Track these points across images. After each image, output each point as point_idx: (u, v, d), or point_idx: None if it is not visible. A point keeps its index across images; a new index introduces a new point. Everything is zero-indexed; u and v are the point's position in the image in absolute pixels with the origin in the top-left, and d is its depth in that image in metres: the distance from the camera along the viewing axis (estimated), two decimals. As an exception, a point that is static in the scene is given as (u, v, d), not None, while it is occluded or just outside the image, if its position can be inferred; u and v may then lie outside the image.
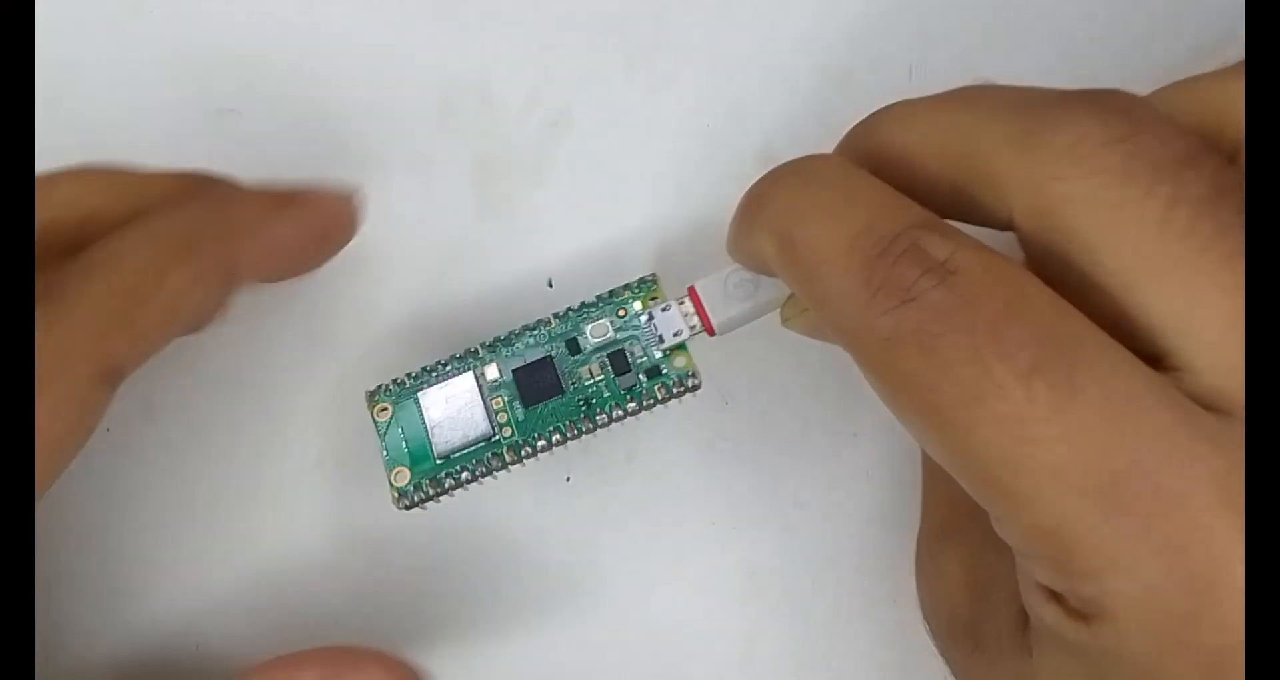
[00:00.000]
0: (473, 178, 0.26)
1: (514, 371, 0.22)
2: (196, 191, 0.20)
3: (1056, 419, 0.14)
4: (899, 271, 0.15)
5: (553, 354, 0.22)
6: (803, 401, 0.25)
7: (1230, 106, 0.17)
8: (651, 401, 0.21)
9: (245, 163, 0.25)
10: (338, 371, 0.25)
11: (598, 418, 0.21)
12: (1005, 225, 0.17)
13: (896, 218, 0.16)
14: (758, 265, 0.20)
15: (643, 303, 0.22)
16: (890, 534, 0.25)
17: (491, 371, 0.22)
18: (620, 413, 0.21)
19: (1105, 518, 0.14)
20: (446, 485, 0.21)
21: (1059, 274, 0.16)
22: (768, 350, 0.23)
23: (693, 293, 0.21)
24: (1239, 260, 0.14)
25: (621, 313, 0.22)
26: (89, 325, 0.17)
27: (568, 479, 0.25)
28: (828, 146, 0.25)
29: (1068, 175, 0.15)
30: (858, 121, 0.19)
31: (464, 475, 0.21)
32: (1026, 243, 0.17)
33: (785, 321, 0.21)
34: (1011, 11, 0.26)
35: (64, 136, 0.25)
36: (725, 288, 0.21)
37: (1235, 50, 0.20)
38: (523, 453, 0.21)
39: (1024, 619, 0.17)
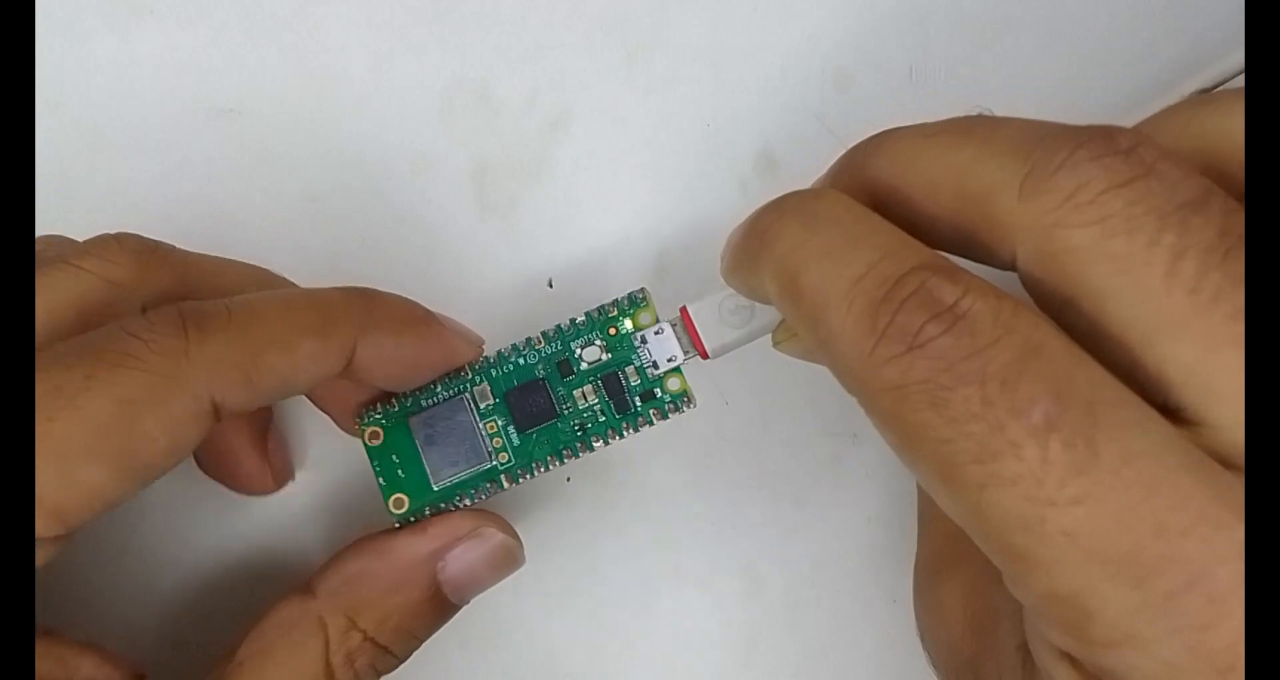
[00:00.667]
0: (473, 178, 0.26)
1: (506, 395, 0.21)
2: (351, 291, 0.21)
3: (1074, 481, 0.13)
4: (905, 316, 0.15)
5: (544, 376, 0.21)
6: (802, 402, 0.25)
7: (1235, 135, 0.16)
8: (646, 424, 0.21)
9: (245, 163, 0.25)
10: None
11: (593, 442, 0.21)
12: (1009, 266, 0.16)
13: (902, 259, 0.15)
14: (758, 299, 0.20)
15: (633, 321, 0.21)
16: (890, 534, 0.25)
17: (483, 395, 0.21)
18: (616, 438, 0.21)
19: (1125, 590, 0.13)
20: (444, 510, 0.21)
21: (1068, 319, 0.15)
22: (768, 351, 0.23)
23: (685, 315, 0.21)
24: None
25: (612, 331, 0.21)
26: (217, 359, 0.18)
27: (568, 480, 0.25)
28: (827, 147, 0.25)
29: (1071, 223, 0.14)
30: (853, 145, 0.18)
31: (463, 502, 0.21)
32: (1031, 286, 0.16)
33: (777, 345, 0.21)
34: (1011, 12, 0.26)
35: (64, 136, 0.25)
36: (720, 313, 0.21)
37: (1236, 54, 0.20)
38: (519, 477, 0.21)
39: (1027, 659, 0.17)
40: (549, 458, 0.21)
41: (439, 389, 0.22)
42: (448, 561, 0.21)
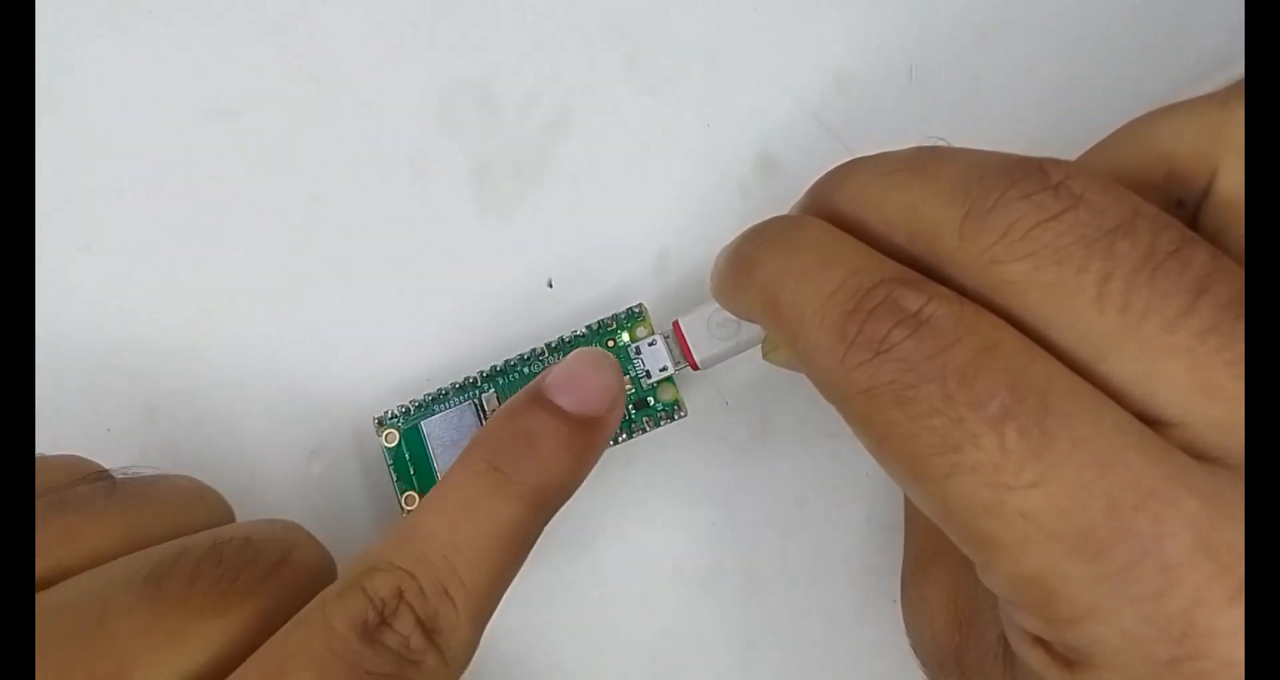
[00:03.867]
0: (473, 178, 0.26)
1: None
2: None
3: (1030, 466, 0.14)
4: (872, 325, 0.16)
5: None
6: (802, 402, 0.25)
7: (1186, 151, 0.17)
8: (640, 431, 0.23)
9: (245, 163, 0.25)
10: (337, 372, 0.25)
11: None
12: (964, 294, 0.17)
13: (870, 274, 0.16)
14: (747, 319, 0.21)
15: (630, 334, 0.23)
16: (890, 534, 0.25)
17: (491, 401, 0.23)
18: (611, 443, 0.22)
19: (1083, 565, 0.14)
20: None
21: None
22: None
23: (677, 328, 0.22)
24: (1185, 320, 0.14)
25: (611, 343, 0.23)
26: (461, 653, 0.18)
27: (568, 479, 0.25)
28: (827, 147, 0.26)
29: (1005, 258, 0.15)
30: (820, 176, 0.19)
31: None
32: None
33: (765, 356, 0.22)
34: (1010, 13, 0.26)
35: (64, 136, 0.25)
36: (709, 327, 0.22)
37: (1237, 55, 0.20)
38: None
39: (1007, 647, 0.17)
40: None
41: (450, 395, 0.23)
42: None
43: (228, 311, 0.25)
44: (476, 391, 0.23)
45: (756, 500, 0.25)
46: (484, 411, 0.23)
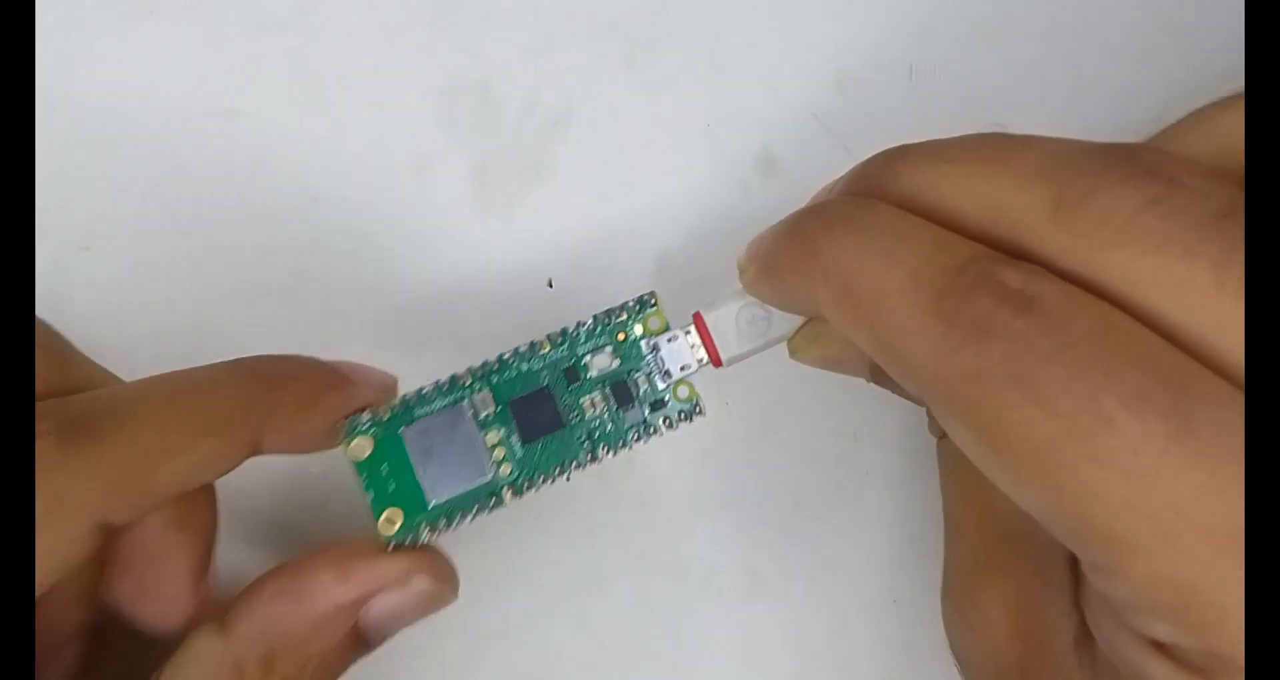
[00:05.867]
0: (473, 178, 0.26)
1: (510, 403, 0.20)
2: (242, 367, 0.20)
3: (1176, 453, 0.13)
4: (974, 302, 0.14)
5: (549, 383, 0.20)
6: (802, 403, 0.25)
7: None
8: (656, 434, 0.20)
9: (245, 163, 0.25)
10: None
11: (601, 453, 0.20)
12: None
13: (956, 250, 0.15)
14: (800, 310, 0.19)
15: (644, 326, 0.20)
16: (890, 534, 0.25)
17: (483, 402, 0.20)
18: (625, 448, 0.20)
19: (1238, 562, 0.13)
20: (441, 528, 0.20)
21: None
22: (770, 351, 0.23)
23: (699, 323, 0.20)
24: None
25: (621, 336, 0.20)
26: (103, 477, 0.17)
27: (567, 480, 0.25)
28: (827, 147, 0.26)
29: (1107, 245, 0.14)
30: (865, 161, 0.18)
31: (463, 519, 0.20)
32: None
33: (794, 354, 0.20)
34: (1010, 13, 0.26)
35: (64, 136, 0.25)
36: (738, 323, 0.20)
37: (1237, 55, 0.20)
38: (523, 490, 0.20)
39: (1088, 660, 0.16)
40: (555, 469, 0.20)
41: (435, 396, 0.20)
42: (370, 607, 0.19)
43: (228, 311, 0.25)
44: (467, 392, 0.20)
45: (756, 500, 0.25)
46: (476, 415, 0.20)
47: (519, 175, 0.26)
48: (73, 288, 0.25)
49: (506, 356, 0.20)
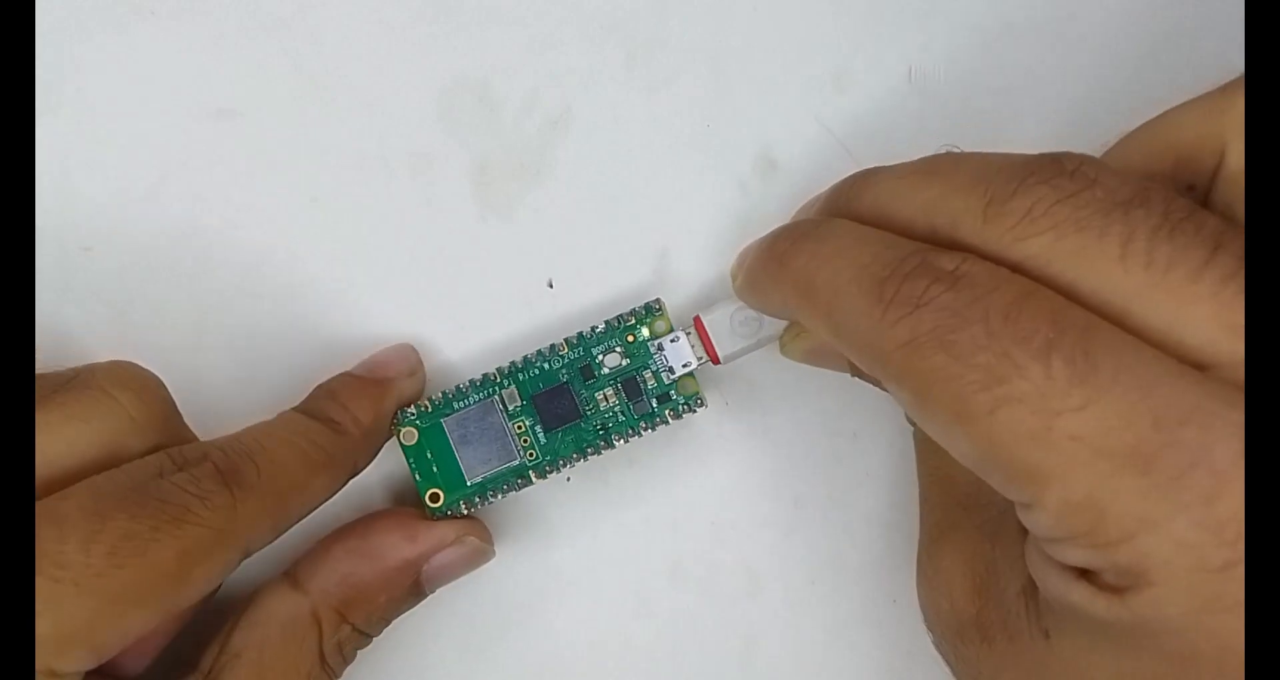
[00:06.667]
0: (473, 178, 0.26)
1: (533, 397, 0.23)
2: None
3: (1076, 391, 0.15)
4: (909, 284, 0.16)
5: (568, 380, 0.23)
6: (802, 402, 0.25)
7: (1193, 138, 0.18)
8: (662, 423, 0.23)
9: (245, 163, 0.25)
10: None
11: (614, 440, 0.23)
12: None
13: (902, 246, 0.17)
14: (776, 313, 0.22)
15: (650, 329, 0.24)
16: (890, 534, 0.25)
17: (511, 397, 0.23)
18: (635, 436, 0.23)
19: (1133, 478, 0.14)
20: (477, 504, 0.23)
21: None
22: (768, 352, 0.23)
23: (699, 325, 0.23)
24: (1207, 270, 0.15)
25: (630, 338, 0.24)
26: (256, 513, 0.20)
27: (568, 480, 0.25)
28: (826, 147, 0.26)
29: (1028, 234, 0.16)
30: (837, 183, 0.21)
31: (495, 496, 0.23)
32: None
33: (783, 349, 0.23)
34: (1010, 13, 0.26)
35: (64, 136, 0.25)
36: (731, 324, 0.23)
37: (1237, 55, 0.20)
38: (546, 472, 0.23)
39: (1034, 605, 0.18)
40: (573, 454, 0.23)
41: (469, 391, 0.23)
42: (431, 562, 0.23)
43: (228, 311, 0.25)
44: (497, 388, 0.23)
45: (756, 500, 0.25)
46: (505, 408, 0.23)
47: (519, 175, 0.26)
48: (73, 288, 0.25)
49: (530, 357, 0.24)
